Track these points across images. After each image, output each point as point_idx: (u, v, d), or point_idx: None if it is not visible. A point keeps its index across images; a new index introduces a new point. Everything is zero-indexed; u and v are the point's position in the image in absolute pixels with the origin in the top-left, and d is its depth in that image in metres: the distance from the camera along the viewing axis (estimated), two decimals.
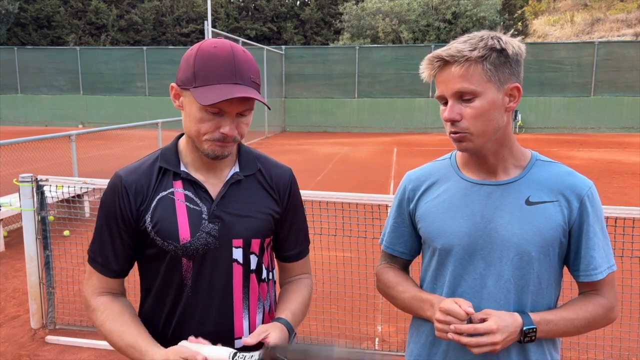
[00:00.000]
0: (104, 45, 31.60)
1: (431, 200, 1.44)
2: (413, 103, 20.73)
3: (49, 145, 7.80)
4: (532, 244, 1.31)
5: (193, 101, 1.26)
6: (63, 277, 4.10)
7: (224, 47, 1.26)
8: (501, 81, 1.28)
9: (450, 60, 1.26)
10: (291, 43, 31.59)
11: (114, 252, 1.36)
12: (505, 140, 1.35)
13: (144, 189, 1.34)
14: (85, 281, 1.40)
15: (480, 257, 1.35)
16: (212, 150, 1.29)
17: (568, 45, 21.00)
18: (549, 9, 34.18)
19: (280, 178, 1.46)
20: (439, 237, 1.39)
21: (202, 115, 1.26)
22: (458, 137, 1.31)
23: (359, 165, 11.83)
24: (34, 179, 3.74)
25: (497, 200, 1.35)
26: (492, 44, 1.26)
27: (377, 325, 3.85)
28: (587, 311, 1.33)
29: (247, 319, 1.40)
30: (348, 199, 3.25)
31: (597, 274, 1.33)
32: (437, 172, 1.47)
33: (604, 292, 1.36)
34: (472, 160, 1.40)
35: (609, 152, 14.04)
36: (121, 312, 1.34)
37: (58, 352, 3.53)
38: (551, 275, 1.35)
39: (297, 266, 1.53)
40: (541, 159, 1.40)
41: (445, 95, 1.30)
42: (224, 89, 1.22)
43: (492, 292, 1.33)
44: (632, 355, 3.31)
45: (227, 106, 1.24)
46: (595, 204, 1.35)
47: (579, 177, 1.36)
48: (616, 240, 2.98)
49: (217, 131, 1.27)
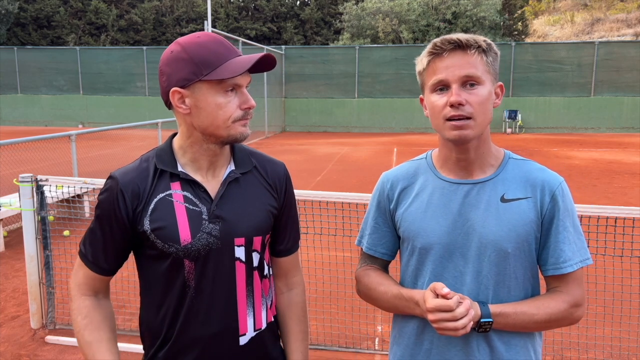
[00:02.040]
0: (104, 45, 31.59)
1: (410, 200, 1.45)
2: (413, 103, 20.71)
3: (49, 145, 7.80)
4: (507, 240, 1.33)
5: (208, 90, 1.27)
6: (63, 277, 4.10)
7: (207, 35, 1.31)
8: (494, 76, 1.35)
9: (465, 43, 1.30)
10: (291, 43, 31.58)
11: (104, 253, 1.36)
12: (486, 136, 1.40)
13: (141, 190, 1.33)
14: (74, 271, 1.42)
15: (459, 255, 1.37)
16: (242, 133, 1.32)
17: (568, 45, 20.99)
18: (549, 9, 34.18)
19: (275, 173, 1.47)
20: (418, 237, 1.41)
21: (222, 100, 1.28)
22: (460, 124, 1.30)
23: (359, 165, 11.82)
24: (34, 179, 3.74)
25: (474, 199, 1.37)
26: (489, 42, 1.34)
27: (377, 325, 3.85)
28: (548, 307, 1.33)
29: (252, 316, 1.41)
30: (348, 199, 3.25)
31: (567, 267, 1.34)
32: (414, 172, 1.49)
33: (570, 289, 1.36)
34: (452, 156, 1.41)
35: (609, 152, 14.04)
36: (101, 324, 1.37)
37: (58, 352, 3.53)
38: (527, 270, 1.38)
39: (289, 260, 1.54)
40: (514, 157, 1.44)
41: (449, 80, 1.30)
42: (238, 61, 1.27)
43: (471, 288, 1.36)
44: (632, 355, 3.31)
45: (241, 79, 1.28)
46: (566, 198, 1.37)
47: (550, 174, 1.40)
48: (616, 240, 2.98)
49: (238, 109, 1.30)
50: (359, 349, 3.54)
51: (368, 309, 3.77)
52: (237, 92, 1.30)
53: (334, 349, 3.54)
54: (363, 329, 3.73)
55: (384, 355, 3.50)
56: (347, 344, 3.58)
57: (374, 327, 3.81)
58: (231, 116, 1.29)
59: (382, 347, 3.59)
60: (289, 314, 1.55)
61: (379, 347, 3.60)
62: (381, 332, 3.79)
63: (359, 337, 3.66)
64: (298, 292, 1.57)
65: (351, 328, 3.70)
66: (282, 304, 1.55)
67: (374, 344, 3.63)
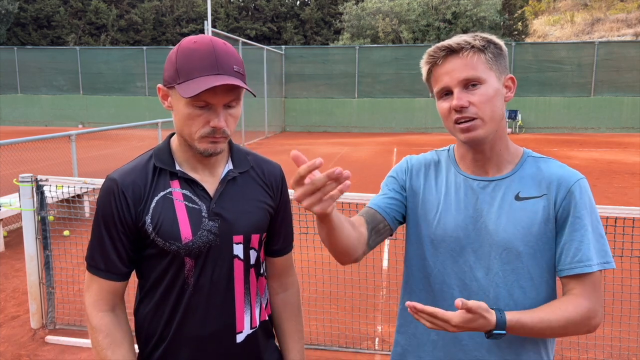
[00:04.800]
0: (104, 45, 31.60)
1: (428, 189, 1.46)
2: (413, 103, 20.73)
3: (49, 145, 7.81)
4: (519, 239, 1.32)
5: (180, 98, 1.26)
6: (63, 277, 4.10)
7: (203, 42, 1.27)
8: (499, 71, 1.34)
9: (457, 48, 1.31)
10: (291, 43, 31.59)
11: (118, 255, 1.35)
12: (502, 134, 1.38)
13: (141, 190, 1.33)
14: (86, 290, 1.39)
15: (471, 250, 1.36)
16: (206, 149, 1.29)
17: (568, 45, 20.99)
18: (549, 9, 34.19)
19: (272, 174, 1.49)
20: (432, 227, 1.41)
21: (190, 111, 1.26)
22: (467, 126, 1.31)
23: (359, 165, 11.82)
24: (34, 179, 3.74)
25: (489, 196, 1.37)
26: (489, 38, 1.34)
27: (377, 325, 3.85)
28: (566, 311, 1.27)
29: (248, 314, 1.42)
30: (348, 199, 3.25)
31: (585, 267, 1.27)
32: (437, 162, 1.50)
33: (588, 294, 1.28)
34: (468, 154, 1.41)
35: (609, 152, 14.04)
36: (123, 341, 1.36)
37: (58, 352, 3.53)
38: (544, 270, 1.34)
39: (283, 260, 1.55)
40: (533, 155, 1.42)
41: (450, 86, 1.32)
42: (206, 80, 1.22)
43: (481, 285, 1.35)
44: (632, 355, 3.31)
45: (212, 97, 1.23)
46: (584, 196, 1.32)
47: (568, 170, 1.36)
48: (616, 240, 2.98)
49: (207, 126, 1.27)
50: (359, 349, 3.54)
51: (368, 309, 3.78)
52: (211, 108, 1.26)
53: (334, 349, 3.54)
54: (363, 329, 3.73)
55: (384, 355, 3.50)
56: (347, 344, 3.58)
57: (374, 327, 3.81)
58: (197, 131, 1.27)
59: (382, 347, 3.59)
60: (284, 315, 1.56)
61: (379, 347, 3.60)
62: (381, 332, 3.79)
63: (359, 337, 3.66)
64: (293, 292, 1.58)
65: (351, 328, 3.70)
66: (278, 305, 1.56)
67: (374, 344, 3.63)
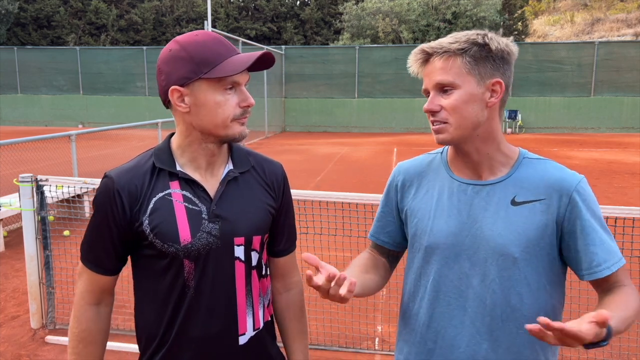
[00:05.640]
0: (104, 45, 31.59)
1: (420, 197, 1.44)
2: (413, 103, 20.71)
3: (49, 145, 7.81)
4: (515, 245, 1.29)
5: (208, 89, 1.27)
6: (63, 277, 4.10)
7: (205, 33, 1.31)
8: (482, 75, 1.29)
9: (430, 52, 1.32)
10: (291, 43, 31.57)
11: (106, 252, 1.35)
12: (489, 137, 1.34)
13: (138, 190, 1.32)
14: (78, 277, 1.41)
15: (466, 257, 1.34)
16: (240, 131, 1.32)
17: (568, 45, 20.99)
18: (549, 9, 34.19)
19: (273, 173, 1.47)
20: (425, 235, 1.39)
21: (221, 98, 1.28)
22: (437, 128, 1.33)
23: (359, 165, 11.82)
24: (34, 179, 3.74)
25: (483, 201, 1.34)
26: (474, 39, 1.28)
27: (377, 325, 3.85)
28: (634, 301, 1.24)
29: (251, 316, 1.40)
30: (348, 199, 3.25)
31: (603, 270, 1.26)
32: (427, 167, 1.48)
33: (629, 282, 1.27)
34: (458, 157, 1.40)
35: (609, 152, 14.04)
36: (96, 338, 1.40)
37: (58, 352, 3.53)
38: (541, 276, 1.31)
39: (286, 260, 1.54)
40: (529, 157, 1.38)
41: (428, 89, 1.34)
42: (237, 59, 1.27)
43: (477, 292, 1.32)
44: (632, 355, 3.31)
45: (240, 77, 1.28)
46: (586, 198, 1.30)
47: (567, 172, 1.33)
48: (616, 240, 2.97)
49: (237, 107, 1.30)
50: (359, 349, 3.54)
51: (368, 309, 3.77)
52: (236, 90, 1.30)
53: (334, 349, 3.54)
54: (363, 329, 3.73)
55: (384, 355, 3.50)
56: (347, 344, 3.58)
57: (374, 327, 3.81)
58: (230, 114, 1.29)
59: (382, 347, 3.59)
60: (288, 315, 1.55)
61: (379, 347, 3.60)
62: (381, 332, 3.79)
63: (359, 337, 3.66)
64: (296, 292, 1.57)
65: (351, 328, 3.70)
66: (281, 305, 1.55)
67: (374, 344, 3.63)
